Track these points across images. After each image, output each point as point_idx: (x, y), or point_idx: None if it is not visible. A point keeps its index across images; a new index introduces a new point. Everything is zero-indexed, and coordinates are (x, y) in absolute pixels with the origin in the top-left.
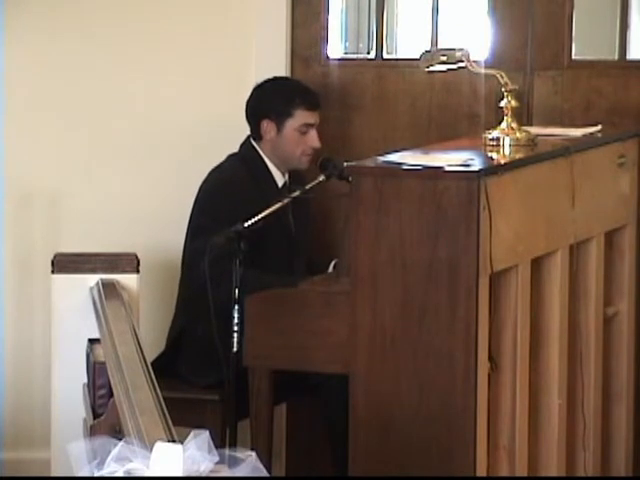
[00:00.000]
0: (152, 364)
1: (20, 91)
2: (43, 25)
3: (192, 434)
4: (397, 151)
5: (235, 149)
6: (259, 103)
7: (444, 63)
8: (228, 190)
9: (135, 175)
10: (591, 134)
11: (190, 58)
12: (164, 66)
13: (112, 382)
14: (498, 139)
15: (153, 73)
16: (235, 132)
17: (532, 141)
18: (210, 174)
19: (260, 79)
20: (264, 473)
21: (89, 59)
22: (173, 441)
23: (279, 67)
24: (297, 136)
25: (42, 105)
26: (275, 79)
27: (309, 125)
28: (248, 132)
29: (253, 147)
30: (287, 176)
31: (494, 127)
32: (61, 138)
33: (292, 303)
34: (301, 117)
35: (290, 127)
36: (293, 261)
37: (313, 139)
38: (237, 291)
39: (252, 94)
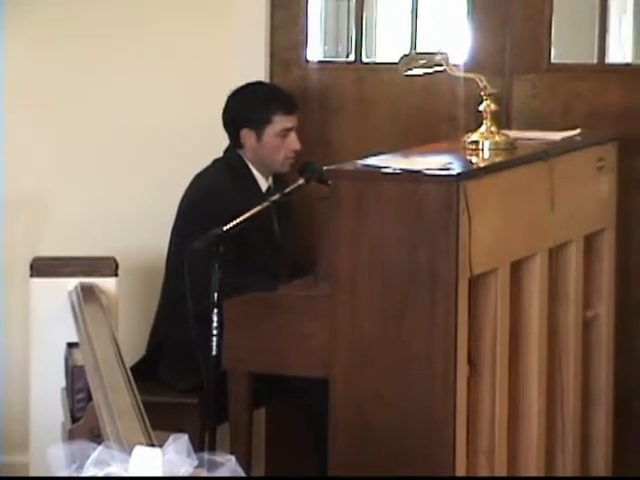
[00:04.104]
0: (133, 368)
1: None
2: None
3: (171, 438)
4: (377, 154)
5: (216, 154)
6: (236, 113)
7: (423, 67)
8: (216, 198)
9: (115, 179)
10: (570, 138)
11: (170, 63)
12: (146, 71)
13: (91, 386)
14: (477, 142)
15: (135, 78)
16: (216, 136)
17: (511, 145)
18: (195, 181)
19: (240, 82)
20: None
21: (75, 64)
22: (152, 445)
23: (259, 70)
24: (278, 141)
25: (22, 109)
26: (249, 85)
27: (288, 129)
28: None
29: (237, 153)
30: (271, 180)
31: (473, 130)
32: (41, 143)
33: (272, 307)
34: (280, 122)
35: (270, 134)
36: (278, 265)
37: (294, 142)
38: (216, 295)
39: (227, 103)
